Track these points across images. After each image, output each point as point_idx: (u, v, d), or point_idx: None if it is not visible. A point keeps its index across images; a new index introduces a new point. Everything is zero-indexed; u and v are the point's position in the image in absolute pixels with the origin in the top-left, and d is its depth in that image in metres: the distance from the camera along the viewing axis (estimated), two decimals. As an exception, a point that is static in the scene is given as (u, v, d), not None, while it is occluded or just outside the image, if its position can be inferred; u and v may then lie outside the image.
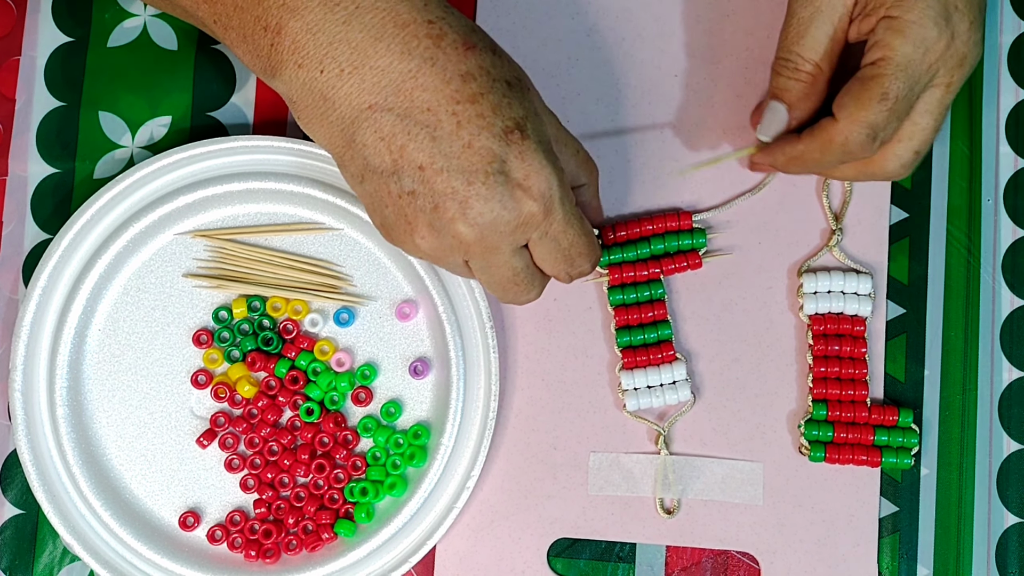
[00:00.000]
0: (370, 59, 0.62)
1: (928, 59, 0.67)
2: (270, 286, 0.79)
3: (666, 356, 0.79)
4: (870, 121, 0.67)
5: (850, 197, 0.80)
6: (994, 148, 0.82)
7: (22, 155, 0.81)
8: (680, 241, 0.79)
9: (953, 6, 0.68)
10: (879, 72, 0.67)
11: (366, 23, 0.62)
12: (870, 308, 0.79)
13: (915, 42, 0.67)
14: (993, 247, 0.81)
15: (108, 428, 0.79)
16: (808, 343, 0.79)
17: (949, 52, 0.68)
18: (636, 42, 0.82)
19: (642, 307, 0.79)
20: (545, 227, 0.65)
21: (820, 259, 0.80)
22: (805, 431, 0.78)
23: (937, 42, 0.67)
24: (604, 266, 0.79)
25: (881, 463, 0.78)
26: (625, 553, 0.79)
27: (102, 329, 0.80)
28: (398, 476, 0.78)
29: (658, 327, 0.79)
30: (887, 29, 0.67)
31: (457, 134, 0.62)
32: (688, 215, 0.79)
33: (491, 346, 0.78)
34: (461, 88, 0.62)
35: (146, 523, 0.78)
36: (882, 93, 0.67)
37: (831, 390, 0.79)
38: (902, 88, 0.67)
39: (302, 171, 0.79)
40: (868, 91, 0.67)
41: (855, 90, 0.68)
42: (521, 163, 0.62)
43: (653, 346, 0.79)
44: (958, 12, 0.68)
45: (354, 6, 0.62)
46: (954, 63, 0.68)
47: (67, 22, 0.82)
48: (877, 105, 0.67)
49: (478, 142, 0.62)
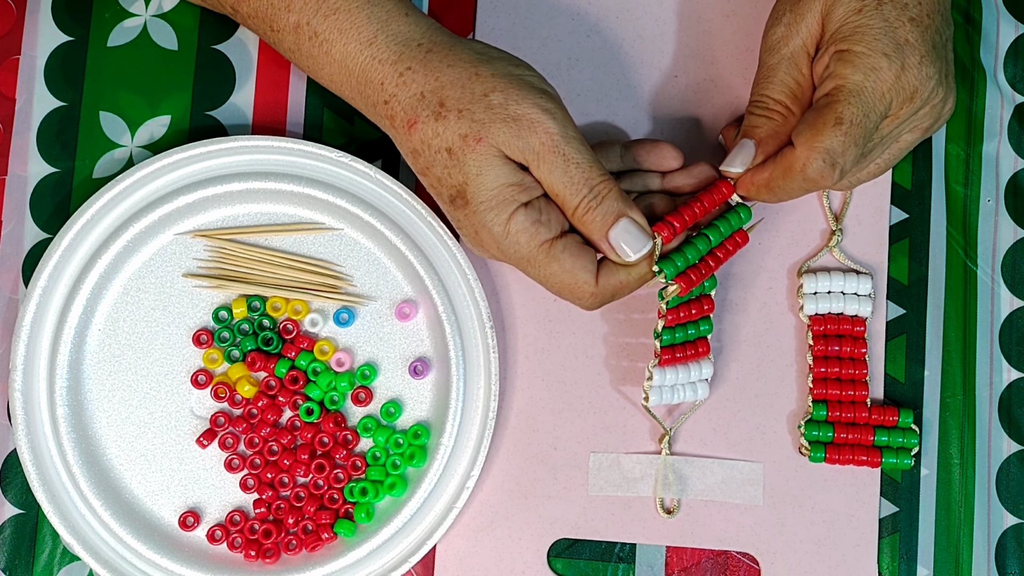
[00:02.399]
0: None
1: (880, 87, 0.68)
2: (270, 286, 0.79)
3: (701, 351, 0.78)
4: (825, 146, 0.68)
5: (850, 198, 0.80)
6: (995, 147, 0.82)
7: (22, 155, 0.81)
8: (730, 222, 0.75)
9: (904, 39, 0.69)
10: (832, 99, 0.69)
11: (356, 104, 0.74)
12: (870, 308, 0.79)
13: (864, 71, 0.68)
14: (992, 248, 0.81)
15: (108, 428, 0.79)
16: (808, 343, 0.79)
17: (899, 83, 0.69)
18: (636, 42, 0.82)
19: (691, 303, 0.77)
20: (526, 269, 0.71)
21: (820, 259, 0.80)
22: (805, 431, 0.78)
23: (887, 71, 0.68)
24: (671, 277, 0.72)
25: (881, 463, 0.78)
26: (625, 553, 0.79)
27: (102, 329, 0.79)
28: (398, 476, 0.78)
29: (699, 323, 0.77)
30: (838, 61, 0.69)
31: None
32: (730, 185, 0.74)
33: (491, 346, 0.78)
34: (415, 163, 0.72)
35: (146, 523, 0.78)
36: (836, 118, 0.68)
37: (831, 390, 0.79)
38: (856, 113, 0.68)
39: (302, 171, 0.79)
40: (822, 118, 0.68)
41: (810, 118, 0.69)
42: (470, 223, 0.71)
43: (691, 342, 0.78)
44: (909, 46, 0.69)
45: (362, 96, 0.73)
46: (904, 96, 0.69)
47: (67, 21, 0.82)
48: (831, 130, 0.68)
49: (440, 206, 0.73)
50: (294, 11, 0.71)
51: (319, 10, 0.71)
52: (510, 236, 0.69)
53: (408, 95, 0.70)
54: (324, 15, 0.71)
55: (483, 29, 0.82)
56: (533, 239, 0.69)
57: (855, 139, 0.68)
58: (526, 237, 0.69)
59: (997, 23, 0.83)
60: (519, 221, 0.69)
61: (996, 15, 0.83)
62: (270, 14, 0.72)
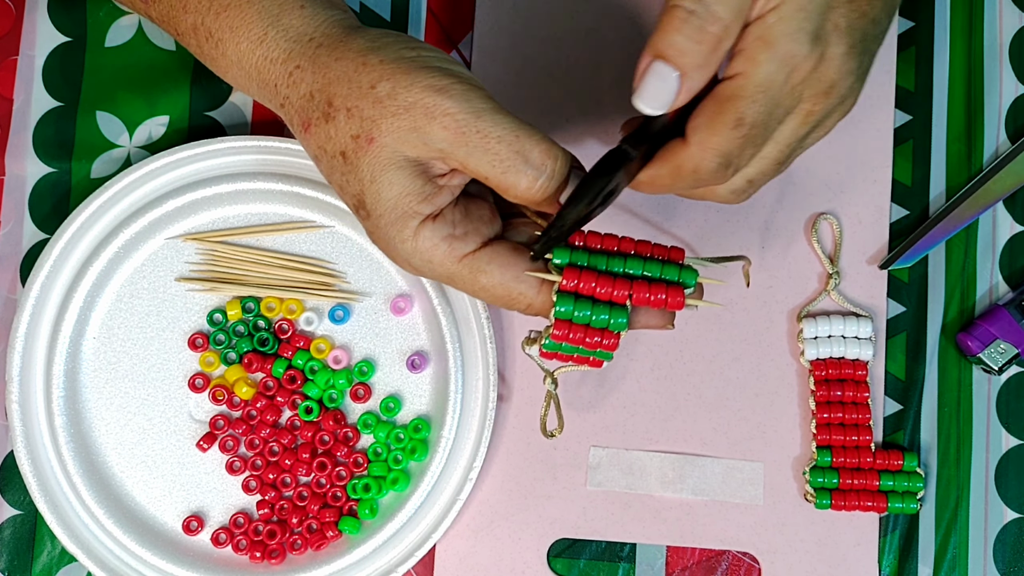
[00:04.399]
0: None
1: (792, 80, 0.57)
2: (264, 286, 0.79)
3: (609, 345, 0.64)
4: (723, 149, 0.58)
5: (841, 239, 0.80)
6: (995, 147, 0.82)
7: (20, 155, 0.81)
8: (665, 271, 0.63)
9: (833, 24, 0.58)
10: (736, 93, 0.57)
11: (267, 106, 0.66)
12: (871, 352, 0.79)
13: (781, 58, 0.57)
14: (992, 241, 0.81)
15: (107, 436, 0.79)
16: (811, 388, 0.79)
17: (815, 75, 0.58)
18: (636, 42, 0.81)
19: (590, 331, 0.63)
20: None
21: (820, 303, 0.80)
22: (810, 478, 0.78)
23: (805, 60, 0.57)
24: (562, 265, 0.62)
25: (887, 508, 0.78)
26: (625, 553, 0.79)
27: (97, 336, 0.79)
28: (400, 471, 0.78)
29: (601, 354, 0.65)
30: (756, 39, 0.57)
31: None
32: (680, 252, 0.64)
33: (487, 336, 0.77)
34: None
35: (149, 529, 0.78)
36: (737, 119, 0.57)
37: (835, 436, 0.79)
38: (760, 113, 0.57)
39: (294, 170, 0.79)
40: (723, 114, 0.57)
41: (709, 111, 0.58)
42: (377, 239, 0.62)
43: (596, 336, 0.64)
44: (837, 32, 0.58)
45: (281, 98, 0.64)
46: (819, 89, 0.59)
47: (64, 21, 0.81)
48: (731, 132, 0.57)
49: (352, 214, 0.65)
50: (190, 11, 0.66)
51: (211, 8, 0.65)
52: (420, 254, 0.61)
53: (298, 96, 0.62)
54: (216, 13, 0.64)
55: (482, 29, 0.81)
56: (449, 256, 0.61)
57: (754, 140, 0.58)
58: (440, 254, 0.61)
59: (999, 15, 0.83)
60: (426, 237, 0.61)
61: (998, 6, 0.83)
62: (171, 16, 0.67)
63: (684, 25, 0.55)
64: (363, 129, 0.59)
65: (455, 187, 0.61)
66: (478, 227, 0.62)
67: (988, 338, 0.78)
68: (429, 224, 0.60)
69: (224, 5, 0.64)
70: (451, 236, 0.61)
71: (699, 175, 0.59)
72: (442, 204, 0.61)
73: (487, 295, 0.62)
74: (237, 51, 0.64)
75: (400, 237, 0.61)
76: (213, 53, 0.66)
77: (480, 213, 0.63)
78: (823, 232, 0.80)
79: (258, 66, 0.64)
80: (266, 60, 0.63)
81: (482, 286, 0.61)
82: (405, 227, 0.60)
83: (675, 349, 0.80)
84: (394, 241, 0.61)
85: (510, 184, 0.59)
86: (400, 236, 0.61)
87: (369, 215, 0.61)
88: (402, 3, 0.82)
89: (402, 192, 0.60)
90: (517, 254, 0.62)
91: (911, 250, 0.79)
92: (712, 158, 0.58)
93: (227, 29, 0.64)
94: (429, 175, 0.60)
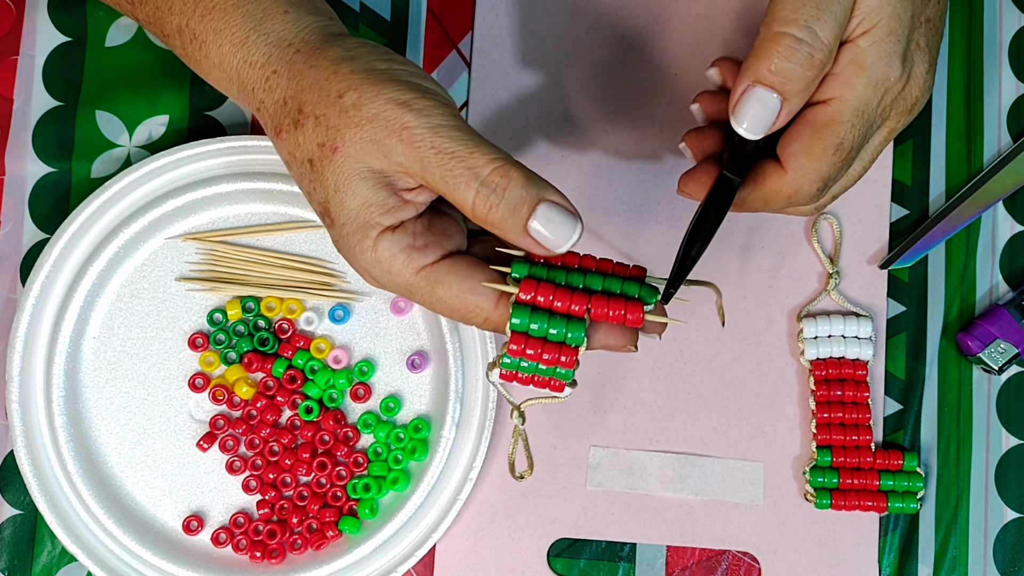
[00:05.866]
0: None
1: (884, 102, 0.60)
2: (264, 286, 0.79)
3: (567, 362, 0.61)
4: (822, 174, 0.60)
5: (841, 239, 0.80)
6: (995, 147, 0.82)
7: (20, 154, 0.81)
8: (625, 287, 0.61)
9: (916, 43, 0.60)
10: (834, 118, 0.59)
11: None
12: (871, 352, 0.79)
13: (876, 82, 0.59)
14: (992, 241, 0.81)
15: (107, 436, 0.79)
16: (811, 388, 0.79)
17: (903, 94, 0.61)
18: (636, 41, 0.81)
19: (547, 345, 0.60)
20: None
21: (820, 303, 0.80)
22: (810, 478, 0.78)
23: (897, 83, 0.60)
24: (520, 278, 0.61)
25: (887, 508, 0.78)
26: (625, 553, 0.79)
27: (97, 336, 0.79)
28: (400, 471, 0.78)
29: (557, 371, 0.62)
30: (850, 62, 0.59)
31: None
32: (642, 270, 0.62)
33: (488, 336, 0.77)
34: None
35: (150, 529, 0.78)
36: (837, 144, 0.59)
37: (835, 436, 0.79)
38: (858, 137, 0.60)
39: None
40: (822, 140, 0.59)
41: (807, 137, 0.60)
42: (341, 247, 0.62)
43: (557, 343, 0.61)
44: (919, 51, 0.61)
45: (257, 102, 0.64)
46: (905, 107, 0.62)
47: (64, 21, 0.81)
48: (831, 157, 0.59)
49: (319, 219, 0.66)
50: (175, 13, 0.66)
51: (196, 10, 0.65)
52: (379, 264, 0.60)
53: (273, 101, 0.62)
54: (201, 15, 0.64)
55: (482, 28, 0.81)
56: (407, 267, 0.60)
57: (850, 162, 0.61)
58: (398, 265, 0.60)
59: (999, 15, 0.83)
60: (385, 248, 0.60)
61: (998, 7, 0.83)
62: (157, 17, 0.67)
63: (793, 53, 0.57)
64: (328, 138, 0.59)
65: (420, 203, 0.61)
66: (439, 240, 0.61)
67: (988, 338, 0.78)
68: (388, 235, 0.60)
69: (209, 8, 0.64)
70: (410, 247, 0.60)
71: (796, 199, 0.61)
72: (404, 217, 0.60)
73: (444, 307, 0.61)
74: (219, 53, 0.64)
75: (360, 247, 0.60)
76: (197, 55, 0.66)
77: (444, 227, 0.62)
78: (823, 232, 0.80)
79: (238, 69, 0.64)
80: (246, 64, 0.64)
81: (439, 298, 0.61)
82: (366, 237, 0.60)
83: (675, 349, 0.80)
84: (355, 251, 0.61)
85: (461, 200, 0.58)
86: (360, 246, 0.60)
87: (333, 223, 0.61)
88: (402, 3, 0.82)
89: (364, 203, 0.60)
90: (476, 267, 0.61)
91: (911, 250, 0.79)
92: (812, 183, 0.60)
93: (211, 32, 0.64)
94: (394, 188, 0.60)
